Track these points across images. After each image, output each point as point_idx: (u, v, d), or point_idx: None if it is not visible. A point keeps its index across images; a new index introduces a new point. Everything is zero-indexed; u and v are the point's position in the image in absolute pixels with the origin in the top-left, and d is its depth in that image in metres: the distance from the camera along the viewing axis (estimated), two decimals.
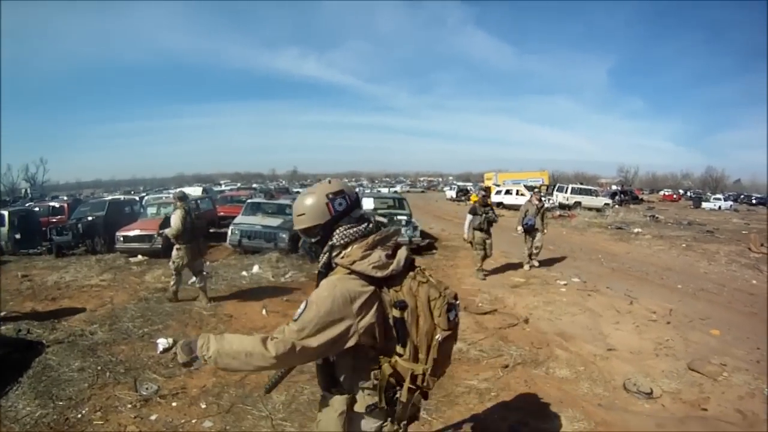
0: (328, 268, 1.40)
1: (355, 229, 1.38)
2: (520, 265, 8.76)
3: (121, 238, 8.95)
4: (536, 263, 8.71)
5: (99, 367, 3.71)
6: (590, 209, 23.06)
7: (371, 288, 1.28)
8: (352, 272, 1.29)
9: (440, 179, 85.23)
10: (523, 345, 4.74)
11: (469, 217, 7.59)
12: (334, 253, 1.38)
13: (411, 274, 1.36)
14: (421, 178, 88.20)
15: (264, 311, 5.46)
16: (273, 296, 6.18)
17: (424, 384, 1.33)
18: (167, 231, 5.49)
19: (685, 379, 4.27)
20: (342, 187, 1.41)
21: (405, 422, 1.44)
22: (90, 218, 10.05)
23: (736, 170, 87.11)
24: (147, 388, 3.34)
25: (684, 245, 13.31)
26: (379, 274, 1.28)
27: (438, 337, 1.30)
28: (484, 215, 7.47)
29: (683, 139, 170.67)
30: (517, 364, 4.20)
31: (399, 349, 1.31)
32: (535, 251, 8.63)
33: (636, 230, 16.56)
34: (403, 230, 10.10)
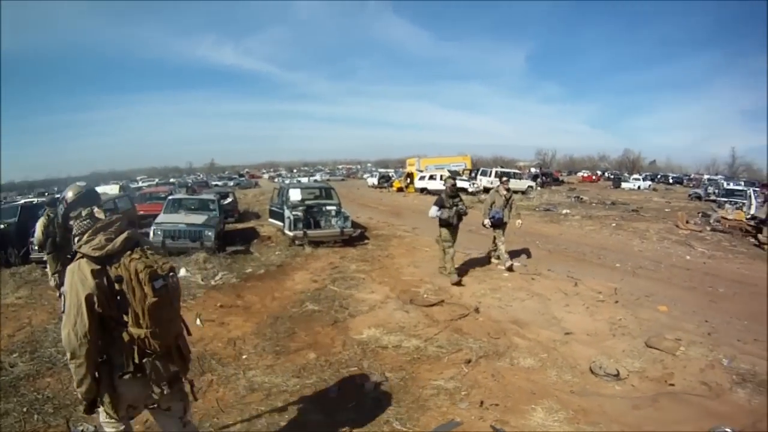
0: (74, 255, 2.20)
1: (86, 222, 2.27)
2: (457, 251, 9.84)
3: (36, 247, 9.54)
4: (509, 262, 9.05)
5: (24, 409, 3.92)
6: (515, 192, 27.83)
7: (98, 266, 2.12)
8: (83, 255, 2.14)
9: (359, 166, 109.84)
10: (479, 336, 5.52)
11: (434, 210, 7.87)
12: (74, 241, 2.23)
13: (128, 252, 2.16)
14: (340, 166, 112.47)
15: (198, 321, 5.92)
16: (206, 303, 6.84)
17: (150, 347, 2.12)
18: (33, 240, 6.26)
19: (645, 356, 5.33)
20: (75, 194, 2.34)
21: (166, 385, 2.24)
22: (1, 226, 10.86)
23: (651, 152, 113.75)
24: (83, 431, 3.60)
25: (614, 224, 16.73)
26: (98, 253, 2.13)
27: (147, 302, 2.06)
28: (453, 207, 7.83)
29: (599, 122, 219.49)
30: (480, 358, 4.88)
31: (125, 317, 2.11)
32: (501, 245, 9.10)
33: (564, 211, 20.57)
34: (333, 221, 11.49)
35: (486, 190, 29.46)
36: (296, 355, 4.90)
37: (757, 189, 23.23)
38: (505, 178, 9.57)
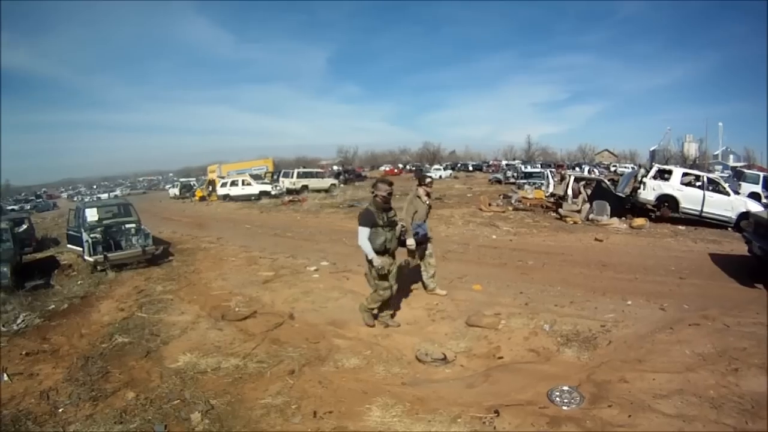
0: None
1: None
2: (263, 258, 10.60)
3: None
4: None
5: None
6: (318, 191, 32.78)
7: None
8: None
9: (160, 177, 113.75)
10: (299, 343, 5.80)
11: (364, 234, 5.88)
12: None
13: None
14: (141, 178, 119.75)
15: (6, 376, 5.54)
16: (10, 353, 6.38)
17: None
18: None
19: (469, 336, 5.88)
20: None
21: None
22: None
23: (451, 143, 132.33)
24: None
25: None
26: None
27: None
28: (389, 226, 6.06)
29: (398, 119, 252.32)
30: (303, 366, 5.12)
31: None
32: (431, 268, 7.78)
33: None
34: (134, 240, 11.63)
35: (290, 191, 31.90)
36: (114, 398, 4.79)
37: (553, 170, 28.79)
38: (428, 179, 7.81)
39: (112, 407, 4.57)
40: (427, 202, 7.67)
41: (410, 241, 7.04)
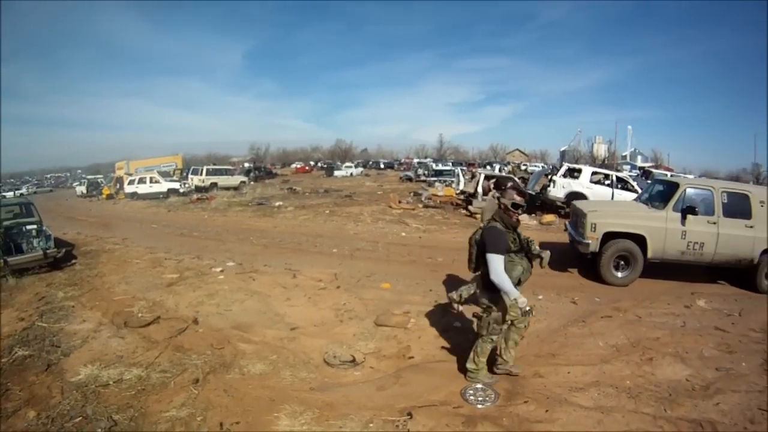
0: None
1: None
2: (168, 259, 10.45)
3: None
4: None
5: None
6: (227, 189, 32.89)
7: None
8: None
9: (68, 174, 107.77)
10: (203, 350, 5.62)
11: (500, 260, 4.28)
12: None
13: None
14: (48, 175, 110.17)
15: None
16: None
17: None
18: None
19: (377, 336, 5.84)
20: None
21: None
22: None
23: (363, 141, 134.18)
24: None
25: (328, 211, 18.59)
26: None
27: None
28: (523, 251, 4.71)
29: (312, 116, 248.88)
30: (208, 374, 4.99)
31: None
32: None
33: (278, 203, 22.29)
34: (35, 242, 11.09)
35: (198, 189, 31.69)
36: (15, 418, 4.54)
37: (464, 168, 29.73)
38: (509, 183, 6.86)
39: (14, 428, 4.38)
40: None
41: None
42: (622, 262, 8.34)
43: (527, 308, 4.18)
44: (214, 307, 7.18)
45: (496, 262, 4.16)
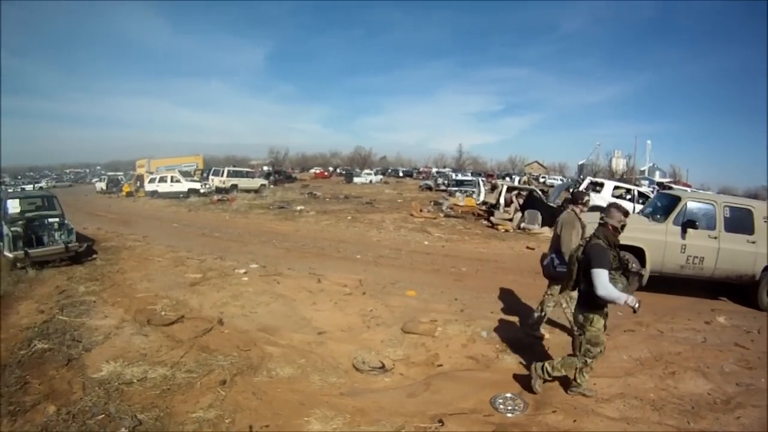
0: None
1: None
2: (191, 258, 10.44)
3: None
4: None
5: None
6: (248, 191, 32.79)
7: None
8: None
9: (87, 170, 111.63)
10: (229, 351, 5.57)
11: (605, 275, 4.35)
12: None
13: None
14: (67, 170, 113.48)
15: None
16: None
17: None
18: None
19: (405, 343, 5.85)
20: None
21: None
22: None
23: (382, 149, 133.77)
24: None
25: (350, 217, 18.62)
26: None
27: None
28: (625, 269, 4.79)
29: (331, 122, 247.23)
30: (235, 376, 4.93)
31: None
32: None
33: (299, 208, 22.34)
34: (56, 235, 11.16)
35: (219, 190, 31.73)
36: (34, 413, 4.46)
37: (484, 179, 29.69)
38: (586, 198, 6.42)
39: (33, 423, 4.30)
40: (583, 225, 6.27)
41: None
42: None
43: (636, 305, 4.20)
44: (238, 308, 7.18)
45: (602, 277, 4.26)
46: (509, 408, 4.24)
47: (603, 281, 4.22)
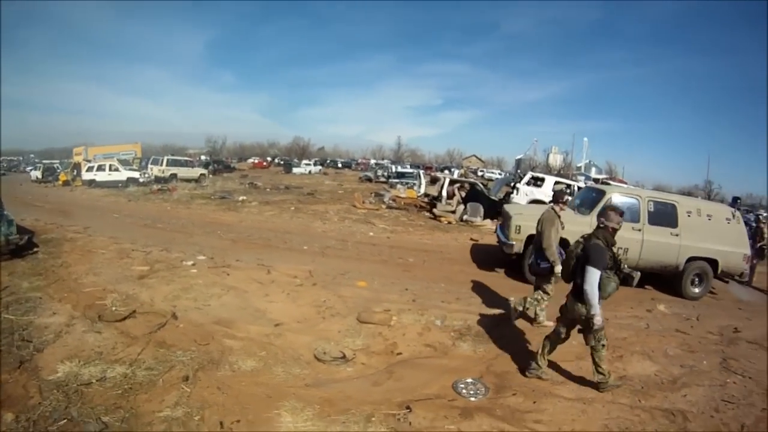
0: None
1: None
2: (136, 251, 9.92)
3: None
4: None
5: None
6: (188, 180, 32.14)
7: None
8: None
9: (21, 158, 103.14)
10: (187, 346, 5.42)
11: (596, 275, 4.64)
12: None
13: None
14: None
15: None
16: None
17: None
18: None
19: (363, 333, 5.91)
20: None
21: None
22: None
23: (320, 140, 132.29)
24: None
25: (293, 208, 18.52)
26: None
27: None
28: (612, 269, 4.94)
29: (269, 112, 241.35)
30: (197, 371, 4.81)
31: None
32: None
33: (241, 198, 21.97)
34: None
35: (158, 179, 30.85)
36: None
37: (423, 171, 30.20)
38: (566, 198, 6.80)
39: None
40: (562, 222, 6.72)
41: (559, 268, 6.20)
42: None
43: (598, 327, 4.55)
44: (191, 301, 6.99)
45: (594, 276, 4.54)
46: (471, 392, 4.41)
47: (593, 281, 4.52)
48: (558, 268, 6.05)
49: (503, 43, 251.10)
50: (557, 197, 6.50)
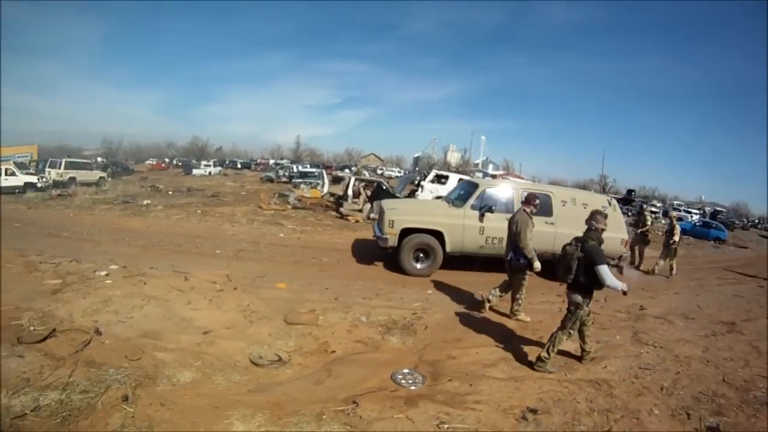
0: None
1: None
2: (44, 263, 9.04)
3: None
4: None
5: None
6: (87, 184, 30.19)
7: None
8: None
9: None
10: (118, 363, 5.07)
11: (607, 269, 5.29)
12: None
13: None
14: None
15: None
16: None
17: None
18: None
19: (293, 334, 5.93)
20: None
21: None
22: None
23: (218, 139, 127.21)
24: None
25: (199, 211, 17.88)
26: None
27: None
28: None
29: (163, 109, 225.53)
30: (135, 389, 4.49)
31: None
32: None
33: (145, 202, 20.82)
34: None
35: (57, 184, 28.00)
36: None
37: (323, 170, 30.22)
38: (537, 201, 7.22)
39: None
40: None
41: (537, 264, 6.90)
42: (422, 255, 9.06)
43: (626, 288, 5.10)
44: (112, 315, 6.54)
45: (606, 271, 5.10)
46: (410, 382, 4.61)
47: (607, 274, 5.07)
48: (536, 265, 6.78)
49: (404, 43, 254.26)
50: (528, 200, 7.07)
